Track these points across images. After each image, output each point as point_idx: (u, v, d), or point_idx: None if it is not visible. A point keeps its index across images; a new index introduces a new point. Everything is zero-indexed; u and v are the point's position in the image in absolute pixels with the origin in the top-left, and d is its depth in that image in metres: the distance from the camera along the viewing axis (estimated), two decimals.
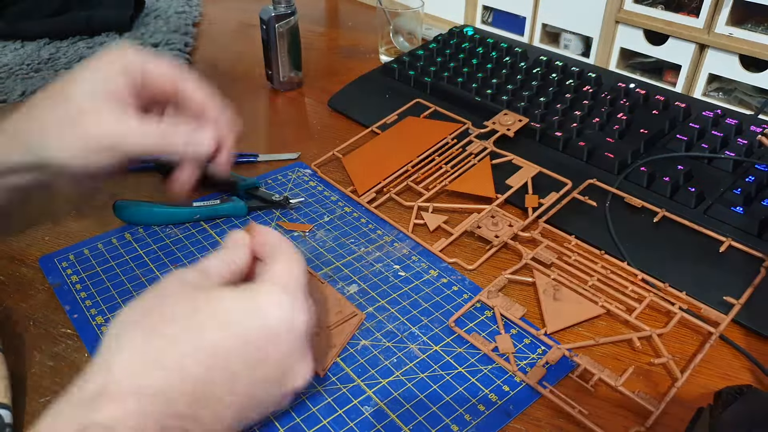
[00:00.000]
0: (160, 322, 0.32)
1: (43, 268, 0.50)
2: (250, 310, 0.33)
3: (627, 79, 0.70)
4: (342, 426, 0.38)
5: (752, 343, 0.44)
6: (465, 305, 0.46)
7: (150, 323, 0.32)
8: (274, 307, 0.33)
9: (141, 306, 0.33)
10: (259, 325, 0.33)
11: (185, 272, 0.35)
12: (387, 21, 0.84)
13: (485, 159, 0.60)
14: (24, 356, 0.43)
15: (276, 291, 0.34)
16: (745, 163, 0.57)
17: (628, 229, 0.53)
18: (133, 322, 0.32)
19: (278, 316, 0.33)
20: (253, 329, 0.32)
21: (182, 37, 0.90)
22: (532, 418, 0.39)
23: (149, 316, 0.32)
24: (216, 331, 0.32)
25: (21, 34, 0.89)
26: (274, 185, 0.61)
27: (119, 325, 0.32)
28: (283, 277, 0.35)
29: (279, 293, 0.34)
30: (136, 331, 0.31)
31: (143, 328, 0.32)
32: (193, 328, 0.32)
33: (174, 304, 0.33)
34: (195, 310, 0.32)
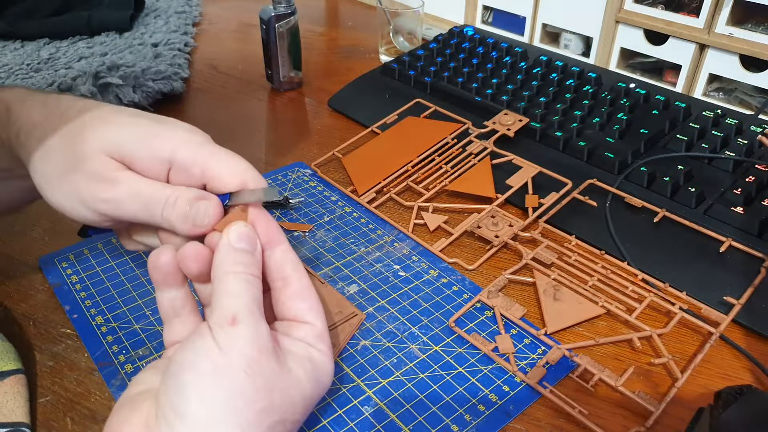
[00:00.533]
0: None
1: (43, 268, 0.50)
2: (319, 389, 0.34)
3: (627, 79, 0.70)
4: (342, 426, 0.38)
5: (752, 343, 0.44)
6: (465, 305, 0.46)
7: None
8: (329, 381, 0.35)
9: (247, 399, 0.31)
10: (318, 398, 0.34)
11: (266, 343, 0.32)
12: (387, 21, 0.84)
13: (485, 159, 0.60)
14: (24, 356, 0.43)
15: (331, 364, 0.35)
16: (746, 163, 0.57)
17: (629, 229, 0.53)
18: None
19: (328, 386, 0.35)
20: (316, 401, 0.34)
21: (182, 37, 0.90)
22: (532, 418, 0.39)
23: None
24: (296, 421, 0.33)
25: (21, 34, 0.89)
26: (274, 185, 0.61)
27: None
28: (328, 341, 0.35)
29: (332, 365, 0.35)
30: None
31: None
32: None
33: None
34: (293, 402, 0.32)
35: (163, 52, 0.83)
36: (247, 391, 0.30)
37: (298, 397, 0.32)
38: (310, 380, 0.33)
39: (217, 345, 0.30)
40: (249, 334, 0.31)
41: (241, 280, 0.33)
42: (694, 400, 0.40)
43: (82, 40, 0.89)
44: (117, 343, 0.44)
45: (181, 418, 0.29)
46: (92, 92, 0.69)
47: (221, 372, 0.30)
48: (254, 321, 0.32)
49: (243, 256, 0.34)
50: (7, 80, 0.77)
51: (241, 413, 0.29)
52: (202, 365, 0.30)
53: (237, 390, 0.30)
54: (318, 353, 0.34)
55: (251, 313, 0.32)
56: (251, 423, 0.30)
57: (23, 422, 0.38)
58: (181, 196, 0.35)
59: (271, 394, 0.31)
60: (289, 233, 0.54)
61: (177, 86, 0.76)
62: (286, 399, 0.31)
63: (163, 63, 0.79)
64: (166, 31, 0.90)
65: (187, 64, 0.84)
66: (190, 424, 0.29)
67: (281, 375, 0.32)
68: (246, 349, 0.30)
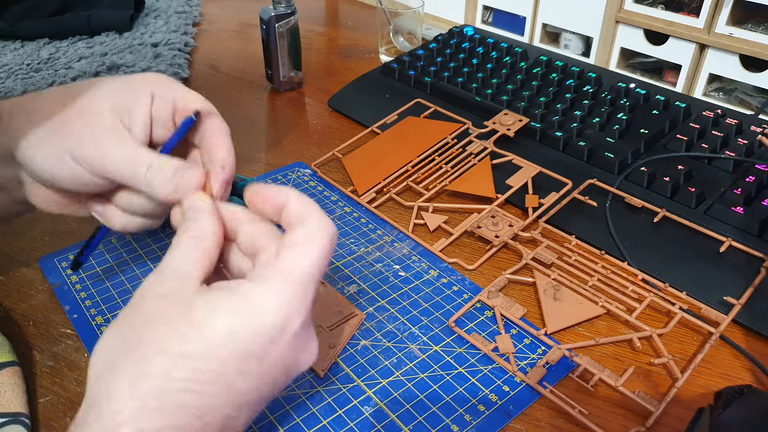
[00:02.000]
0: (146, 356, 0.28)
1: (43, 268, 0.50)
2: (245, 318, 0.29)
3: (627, 79, 0.70)
4: (342, 426, 0.38)
5: (752, 343, 0.44)
6: (465, 305, 0.46)
7: (135, 360, 0.28)
8: (272, 313, 0.30)
9: (120, 337, 0.30)
10: (255, 334, 0.29)
11: (157, 282, 0.31)
12: (387, 21, 0.84)
13: (485, 159, 0.60)
14: (24, 356, 0.43)
15: (269, 292, 0.30)
16: (746, 163, 0.57)
17: (629, 229, 0.53)
18: (116, 360, 0.29)
19: (275, 320, 0.30)
20: (252, 343, 0.29)
21: (182, 37, 0.90)
22: (532, 418, 0.39)
23: (133, 352, 0.29)
24: (211, 357, 0.29)
25: (21, 34, 0.89)
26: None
27: (101, 363, 0.29)
28: (292, 271, 0.31)
29: (278, 295, 0.30)
30: (122, 375, 0.28)
31: (128, 368, 0.28)
32: (185, 357, 0.28)
33: (155, 330, 0.29)
34: (181, 336, 0.29)
35: (163, 52, 0.83)
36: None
37: (191, 332, 0.29)
38: (215, 310, 0.29)
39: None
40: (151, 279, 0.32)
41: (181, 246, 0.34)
42: (694, 400, 0.40)
43: (82, 40, 0.89)
44: None
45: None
46: None
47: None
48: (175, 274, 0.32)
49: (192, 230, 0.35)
50: (7, 80, 0.77)
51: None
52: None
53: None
54: (252, 284, 0.30)
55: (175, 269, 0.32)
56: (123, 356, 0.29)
57: (22, 412, 0.38)
58: (165, 163, 0.37)
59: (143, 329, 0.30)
60: None
61: None
62: (167, 331, 0.29)
63: (163, 63, 0.79)
64: (166, 31, 0.90)
65: (187, 64, 0.84)
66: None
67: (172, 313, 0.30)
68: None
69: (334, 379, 0.41)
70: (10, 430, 0.36)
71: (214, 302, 0.30)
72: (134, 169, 0.37)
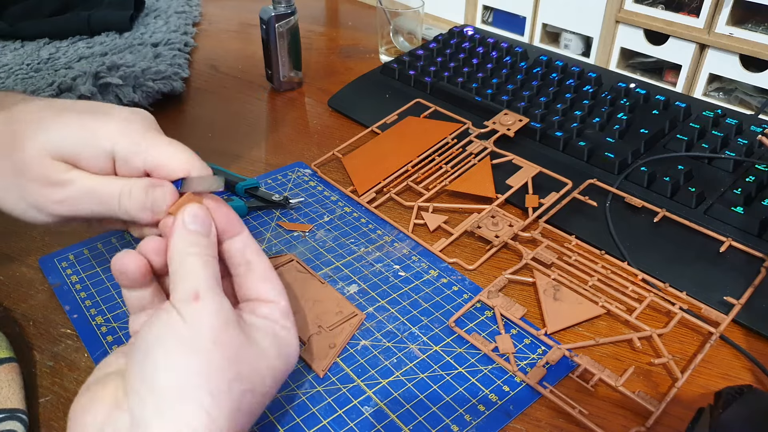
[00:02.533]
0: (233, 393, 0.31)
1: (43, 268, 0.50)
2: (286, 364, 0.35)
3: (627, 79, 0.70)
4: (342, 426, 0.38)
5: (752, 343, 0.44)
6: (465, 305, 0.46)
7: (223, 392, 0.30)
8: (297, 352, 0.36)
9: (192, 364, 0.30)
10: (288, 371, 0.35)
11: (230, 315, 0.32)
12: (387, 21, 0.84)
13: (485, 159, 0.60)
14: (24, 356, 0.43)
15: (296, 340, 0.36)
16: (746, 163, 0.57)
17: (629, 229, 0.53)
18: (192, 387, 0.30)
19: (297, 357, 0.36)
20: (284, 377, 0.35)
21: (182, 37, 0.90)
22: (532, 418, 0.39)
23: (215, 382, 0.30)
24: (272, 393, 0.34)
25: (21, 34, 0.89)
26: (274, 185, 0.61)
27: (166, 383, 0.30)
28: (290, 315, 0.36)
29: (297, 341, 0.36)
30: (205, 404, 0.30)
31: (216, 399, 0.30)
32: (264, 396, 0.33)
33: (235, 365, 0.32)
34: (263, 378, 0.33)
35: (163, 52, 0.83)
36: (215, 361, 0.30)
37: (265, 369, 0.33)
38: (277, 353, 0.34)
39: (183, 319, 0.31)
40: (213, 308, 0.31)
41: (199, 260, 0.33)
42: (694, 400, 0.40)
43: (82, 40, 0.89)
44: (117, 343, 0.44)
45: (152, 389, 0.29)
46: (92, 92, 0.69)
47: (189, 343, 0.30)
48: (217, 295, 0.32)
49: (198, 237, 0.34)
50: (7, 80, 0.77)
51: (210, 381, 0.30)
52: (170, 338, 0.30)
53: (206, 360, 0.30)
54: (282, 329, 0.35)
55: (213, 288, 0.32)
56: (221, 391, 0.30)
57: (19, 408, 0.38)
58: (134, 186, 0.34)
59: (239, 365, 0.31)
60: (289, 233, 0.54)
61: (177, 86, 0.76)
62: (254, 370, 0.32)
63: (163, 63, 0.79)
64: (166, 31, 0.90)
65: (187, 64, 0.84)
66: (160, 394, 0.29)
67: (248, 346, 0.32)
68: (212, 322, 0.31)
69: (334, 379, 0.41)
70: (7, 426, 0.36)
71: (273, 346, 0.34)
72: (106, 204, 0.35)
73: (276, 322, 0.35)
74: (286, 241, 0.53)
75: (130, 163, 0.35)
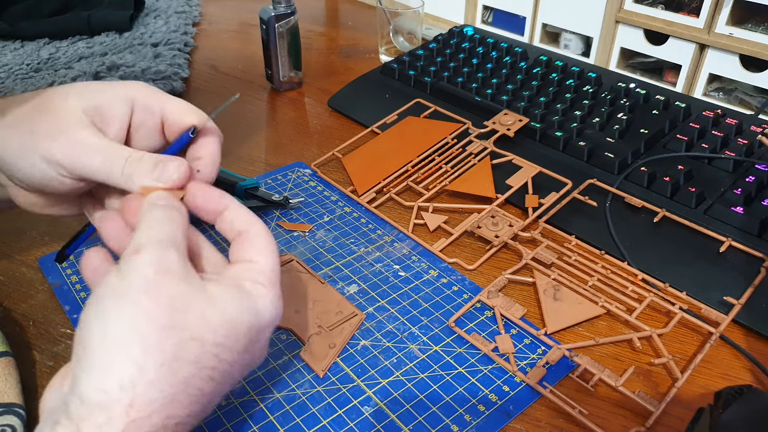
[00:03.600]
0: (181, 341, 0.30)
1: (43, 268, 0.50)
2: (250, 317, 0.33)
3: (627, 79, 0.70)
4: (342, 426, 0.38)
5: (752, 343, 0.44)
6: (465, 305, 0.46)
7: (170, 341, 0.30)
8: (270, 310, 0.34)
9: (143, 310, 0.30)
10: (256, 328, 0.33)
11: (158, 257, 0.31)
12: (387, 21, 0.84)
13: (485, 159, 0.60)
14: (24, 356, 0.43)
15: (269, 294, 0.34)
16: (746, 163, 0.57)
17: (628, 229, 0.53)
18: (144, 334, 0.29)
19: (270, 319, 0.34)
20: (250, 335, 0.33)
21: (182, 37, 0.90)
22: (532, 419, 0.39)
23: (164, 332, 0.30)
24: (234, 350, 0.32)
25: (21, 34, 0.89)
26: (274, 185, 0.61)
27: (118, 329, 0.29)
28: (271, 274, 0.35)
29: (271, 295, 0.34)
30: (152, 352, 0.29)
31: (161, 346, 0.29)
32: (217, 347, 0.31)
33: (184, 314, 0.30)
34: (214, 328, 0.31)
35: (163, 52, 0.83)
36: (145, 309, 0.29)
37: (217, 317, 0.31)
38: (238, 306, 0.32)
39: (119, 272, 0.31)
40: (150, 259, 0.31)
41: (151, 221, 0.33)
42: (694, 400, 0.40)
43: (82, 40, 0.89)
44: None
45: (85, 345, 0.29)
46: None
47: (119, 294, 0.30)
48: (158, 249, 0.31)
49: (165, 209, 0.34)
50: (7, 80, 0.77)
51: (140, 330, 0.29)
52: (104, 293, 0.30)
53: (134, 309, 0.29)
54: (252, 283, 0.33)
55: (158, 242, 0.32)
56: (152, 339, 0.29)
57: (16, 403, 0.38)
58: (146, 155, 0.36)
59: (175, 312, 0.30)
60: (289, 233, 0.54)
61: (177, 86, 0.76)
62: (200, 318, 0.30)
63: (163, 63, 0.79)
64: (166, 31, 0.90)
65: (187, 64, 0.84)
66: (89, 349, 0.29)
67: (192, 294, 0.31)
68: (146, 271, 0.30)
69: (334, 379, 0.41)
70: (4, 420, 0.36)
71: (233, 297, 0.32)
72: (110, 163, 0.36)
73: (242, 276, 0.34)
74: (286, 241, 0.53)
75: (149, 108, 0.38)
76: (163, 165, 0.36)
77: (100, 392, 0.28)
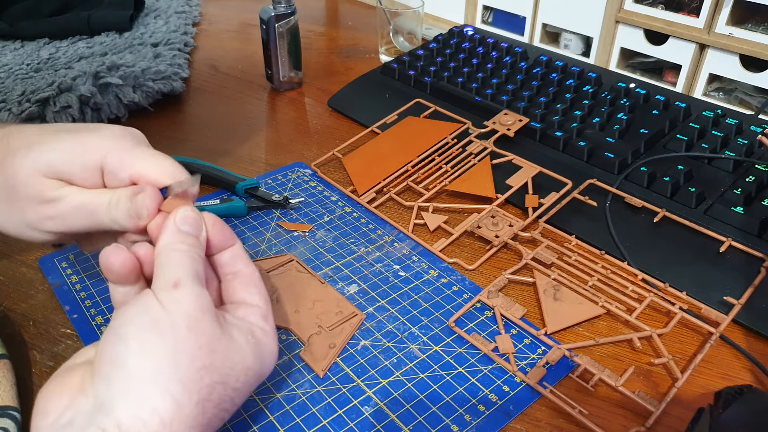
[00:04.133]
0: (204, 385, 0.31)
1: (42, 268, 0.50)
2: (262, 366, 0.35)
3: (627, 79, 0.70)
4: (342, 426, 0.38)
5: (752, 343, 0.44)
6: (465, 305, 0.46)
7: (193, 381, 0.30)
8: (273, 363, 0.36)
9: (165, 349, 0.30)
10: (260, 375, 0.35)
11: (208, 305, 0.33)
12: (387, 21, 0.84)
13: (485, 159, 0.60)
14: (24, 356, 0.43)
15: (275, 345, 0.36)
16: (746, 163, 0.57)
17: (629, 229, 0.53)
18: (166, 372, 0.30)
19: (271, 368, 0.36)
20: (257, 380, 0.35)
21: (182, 37, 0.90)
22: (532, 419, 0.39)
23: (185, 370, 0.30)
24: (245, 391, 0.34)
25: (21, 34, 0.89)
26: (274, 185, 0.61)
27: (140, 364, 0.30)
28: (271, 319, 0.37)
29: (276, 347, 0.36)
30: (175, 392, 0.30)
31: (186, 387, 0.30)
32: (236, 391, 0.33)
33: (209, 357, 0.31)
34: (237, 375, 0.33)
35: (163, 52, 0.83)
36: (188, 347, 0.30)
37: (239, 363, 0.33)
38: (252, 353, 0.34)
39: (160, 303, 0.31)
40: (191, 295, 0.32)
41: (184, 255, 0.34)
42: (694, 400, 0.40)
43: (82, 40, 0.89)
44: None
45: (120, 368, 0.29)
46: (92, 92, 0.69)
47: (163, 327, 0.30)
48: (197, 286, 0.32)
49: (186, 236, 0.34)
50: (7, 80, 0.77)
51: (180, 367, 0.30)
52: (144, 320, 0.30)
53: (178, 345, 0.30)
54: (261, 331, 0.35)
55: (193, 279, 0.33)
56: (191, 378, 0.30)
57: (11, 406, 0.38)
58: (121, 195, 0.36)
59: (212, 354, 0.31)
60: (289, 233, 0.54)
61: (177, 86, 0.76)
62: (227, 362, 0.32)
63: (163, 63, 0.79)
64: (166, 31, 0.90)
65: (187, 64, 0.84)
66: (129, 373, 0.29)
67: (223, 338, 0.32)
68: (188, 308, 0.31)
69: (334, 379, 0.41)
70: None
71: (249, 345, 0.34)
72: (95, 216, 0.36)
73: (254, 323, 0.35)
74: (286, 241, 0.53)
75: (118, 175, 0.36)
76: (135, 203, 0.35)
77: (138, 421, 0.28)
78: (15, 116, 0.67)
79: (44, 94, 0.68)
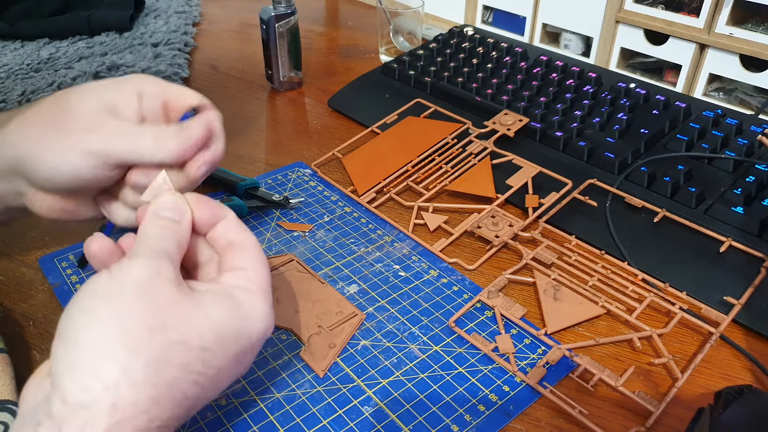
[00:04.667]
0: (168, 344, 0.30)
1: (43, 268, 0.50)
2: (239, 324, 0.33)
3: (627, 78, 0.70)
4: (342, 426, 0.38)
5: (752, 343, 0.44)
6: (465, 305, 0.46)
7: (155, 344, 0.30)
8: (260, 319, 0.34)
9: (129, 313, 0.30)
10: (246, 336, 0.33)
11: (165, 273, 0.32)
12: (387, 21, 0.84)
13: (485, 159, 0.60)
14: (24, 356, 0.43)
15: (260, 304, 0.34)
16: (746, 163, 0.57)
17: (629, 229, 0.53)
18: (130, 336, 0.29)
19: (261, 329, 0.34)
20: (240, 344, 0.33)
21: (182, 37, 0.90)
22: (532, 419, 0.39)
23: (151, 334, 0.30)
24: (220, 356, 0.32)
25: (21, 34, 0.89)
26: (274, 185, 0.61)
27: (101, 329, 0.29)
28: (263, 282, 0.35)
29: (263, 306, 0.34)
30: (138, 355, 0.29)
31: (147, 350, 0.29)
32: (204, 351, 0.31)
33: (174, 319, 0.31)
34: (201, 333, 0.31)
35: (163, 52, 0.83)
36: (135, 309, 0.30)
37: (204, 322, 0.31)
38: (225, 312, 0.32)
39: (109, 273, 0.31)
40: (143, 264, 0.31)
41: (150, 235, 0.34)
42: (694, 400, 0.40)
43: (82, 40, 0.89)
44: None
45: (65, 342, 0.29)
46: None
47: (108, 295, 0.30)
48: (155, 257, 0.32)
49: (162, 221, 0.35)
50: (7, 80, 0.77)
51: (126, 330, 0.29)
52: (89, 290, 0.30)
53: (122, 307, 0.29)
54: (242, 291, 0.34)
55: (154, 252, 0.32)
56: (137, 339, 0.29)
57: (10, 400, 0.38)
58: (168, 127, 0.39)
59: (163, 313, 0.30)
60: (289, 233, 0.54)
61: None
62: (184, 320, 0.31)
63: (163, 63, 0.79)
64: (166, 31, 0.90)
65: (187, 64, 0.84)
66: (73, 348, 0.29)
67: (183, 301, 0.31)
68: (138, 274, 0.31)
69: (334, 379, 0.41)
70: None
71: (222, 304, 0.33)
72: (139, 141, 0.38)
73: (235, 285, 0.34)
74: (286, 241, 0.53)
75: (155, 98, 0.41)
76: (185, 131, 0.38)
77: (83, 392, 0.28)
78: None
79: (44, 94, 0.68)
